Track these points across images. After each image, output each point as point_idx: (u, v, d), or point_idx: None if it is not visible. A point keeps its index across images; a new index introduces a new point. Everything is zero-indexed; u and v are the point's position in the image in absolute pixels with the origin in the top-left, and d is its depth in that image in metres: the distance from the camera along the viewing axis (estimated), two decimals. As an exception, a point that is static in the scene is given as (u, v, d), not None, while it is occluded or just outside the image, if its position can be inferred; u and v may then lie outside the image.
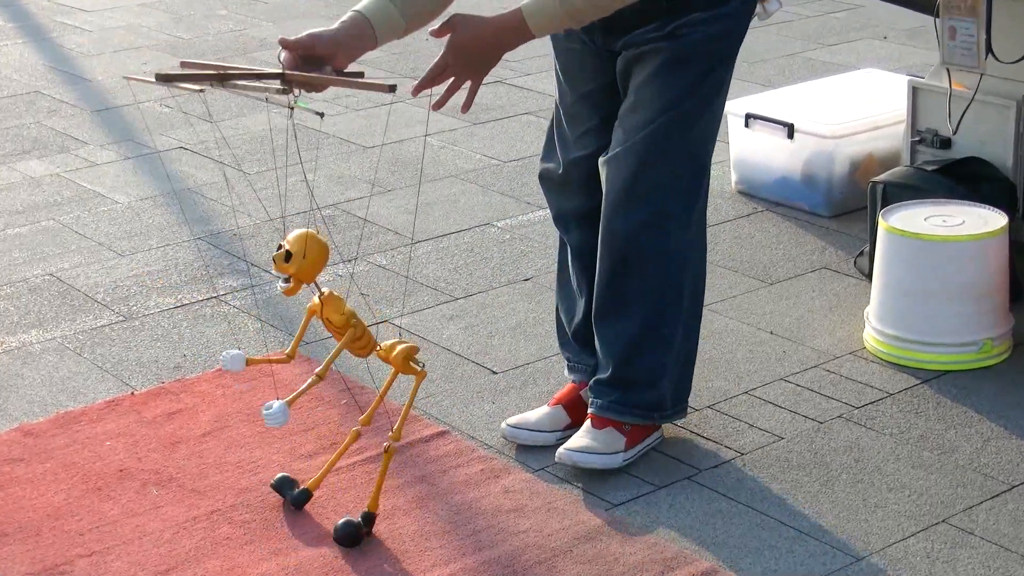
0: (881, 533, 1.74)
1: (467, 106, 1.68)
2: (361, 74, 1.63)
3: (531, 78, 3.68)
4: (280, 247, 1.68)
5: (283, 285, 1.69)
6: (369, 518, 1.74)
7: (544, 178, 1.95)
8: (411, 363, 1.75)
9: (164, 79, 1.56)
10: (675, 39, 1.75)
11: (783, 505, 1.80)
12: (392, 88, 1.52)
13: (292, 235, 1.69)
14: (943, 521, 1.76)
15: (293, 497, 1.80)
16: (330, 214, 2.83)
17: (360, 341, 1.74)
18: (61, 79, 3.78)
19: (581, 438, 1.88)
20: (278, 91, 1.53)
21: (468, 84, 1.68)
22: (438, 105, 1.66)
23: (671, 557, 1.69)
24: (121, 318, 2.41)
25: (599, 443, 1.87)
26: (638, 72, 1.78)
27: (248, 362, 1.76)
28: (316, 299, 1.73)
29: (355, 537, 1.73)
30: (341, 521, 1.75)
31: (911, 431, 1.97)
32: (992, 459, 1.89)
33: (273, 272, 1.69)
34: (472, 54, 1.64)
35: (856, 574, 1.67)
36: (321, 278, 2.58)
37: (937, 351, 2.13)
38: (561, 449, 1.87)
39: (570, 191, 1.91)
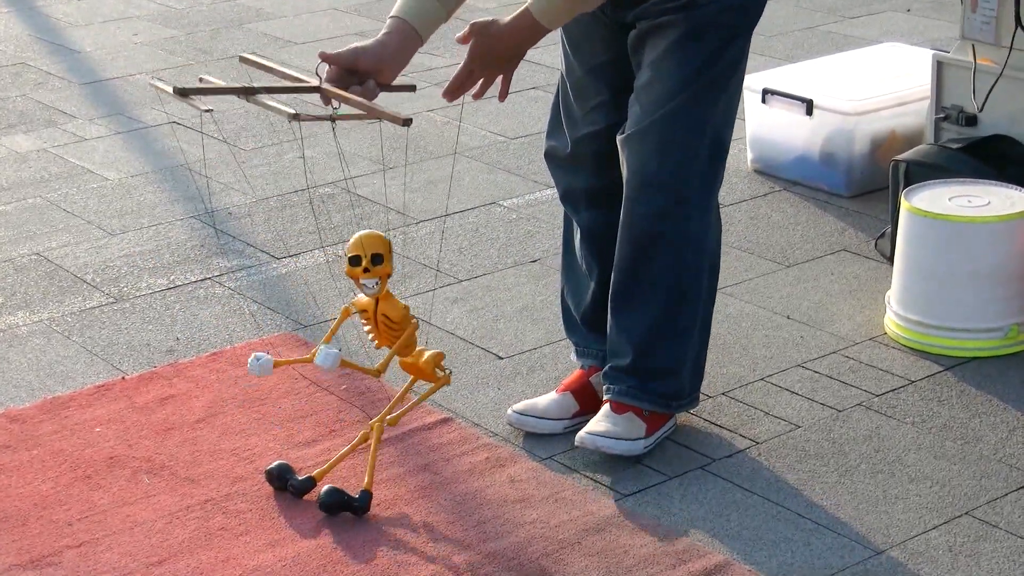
0: (902, 526, 1.71)
1: (503, 95, 1.71)
2: (413, 87, 1.68)
3: (539, 52, 3.58)
4: (358, 258, 1.68)
5: (374, 290, 1.69)
6: (365, 498, 1.70)
7: (550, 156, 1.91)
8: (437, 369, 1.75)
9: (182, 93, 1.54)
10: (691, 10, 1.70)
11: (800, 496, 1.77)
12: (407, 122, 1.54)
13: (362, 240, 1.69)
14: (966, 513, 1.73)
15: (298, 483, 1.76)
16: (329, 192, 2.77)
17: (412, 344, 1.75)
18: (48, 50, 3.72)
19: (602, 422, 1.84)
20: (291, 117, 1.53)
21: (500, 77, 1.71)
22: (478, 95, 1.70)
23: (683, 550, 1.66)
24: (111, 300, 2.36)
25: (621, 428, 1.83)
26: (653, 46, 1.74)
27: (275, 364, 1.74)
28: (361, 297, 1.73)
29: (340, 505, 1.72)
30: (325, 488, 1.73)
31: (933, 420, 1.92)
32: (1018, 449, 1.86)
33: (361, 281, 1.69)
34: (493, 59, 1.67)
35: (876, 568, 1.63)
36: (320, 257, 2.51)
37: (961, 337, 2.09)
38: (582, 433, 1.83)
39: (579, 169, 1.87)
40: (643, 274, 1.79)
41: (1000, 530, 1.69)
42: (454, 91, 1.68)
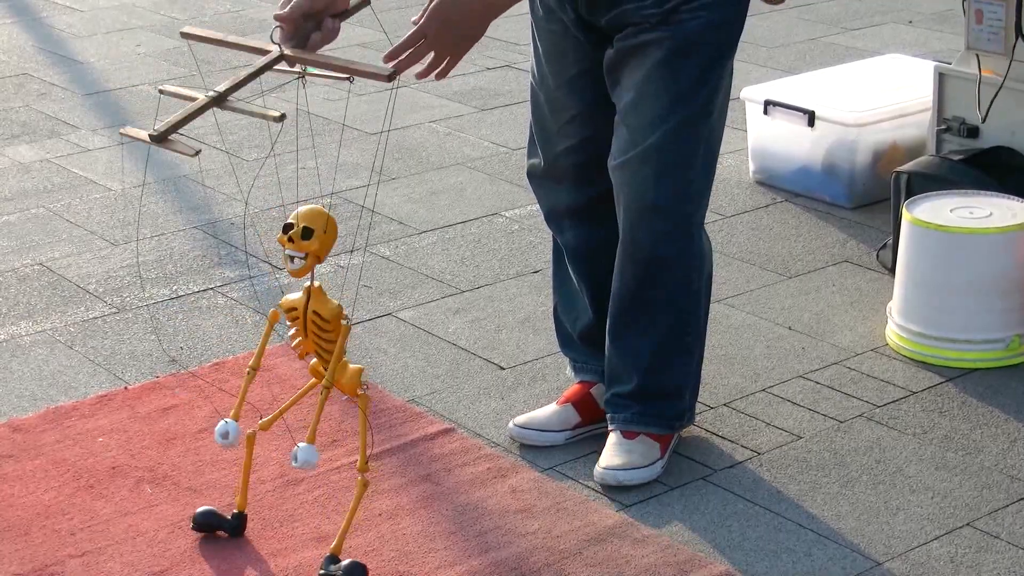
0: (903, 536, 1.71)
1: (444, 74, 1.58)
2: (367, 1, 1.52)
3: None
4: (290, 225, 1.59)
5: (296, 266, 1.58)
6: (333, 562, 1.63)
7: (531, 175, 1.88)
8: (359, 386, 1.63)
9: (158, 139, 1.47)
10: (675, 27, 1.67)
11: (801, 507, 1.76)
12: (392, 76, 1.45)
13: (302, 211, 1.60)
14: (967, 524, 1.72)
15: (231, 525, 1.72)
16: (332, 203, 2.77)
17: (337, 344, 1.61)
18: (51, 61, 3.74)
19: (617, 455, 1.82)
20: (275, 118, 1.46)
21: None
22: (422, 74, 1.58)
23: (685, 560, 1.66)
24: (114, 310, 2.37)
25: (637, 455, 1.82)
26: (637, 65, 1.70)
27: (236, 417, 1.67)
28: (290, 297, 1.64)
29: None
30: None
31: (935, 431, 1.92)
32: (1019, 460, 1.86)
33: (285, 252, 1.57)
34: (453, 23, 1.54)
35: (877, 579, 1.62)
36: (321, 268, 2.52)
37: (963, 348, 2.09)
38: (600, 469, 1.81)
39: (559, 187, 1.84)
40: (648, 297, 1.77)
41: (1001, 541, 1.69)
42: (396, 55, 1.52)
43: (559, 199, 1.85)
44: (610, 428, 1.85)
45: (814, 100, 2.67)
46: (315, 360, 1.66)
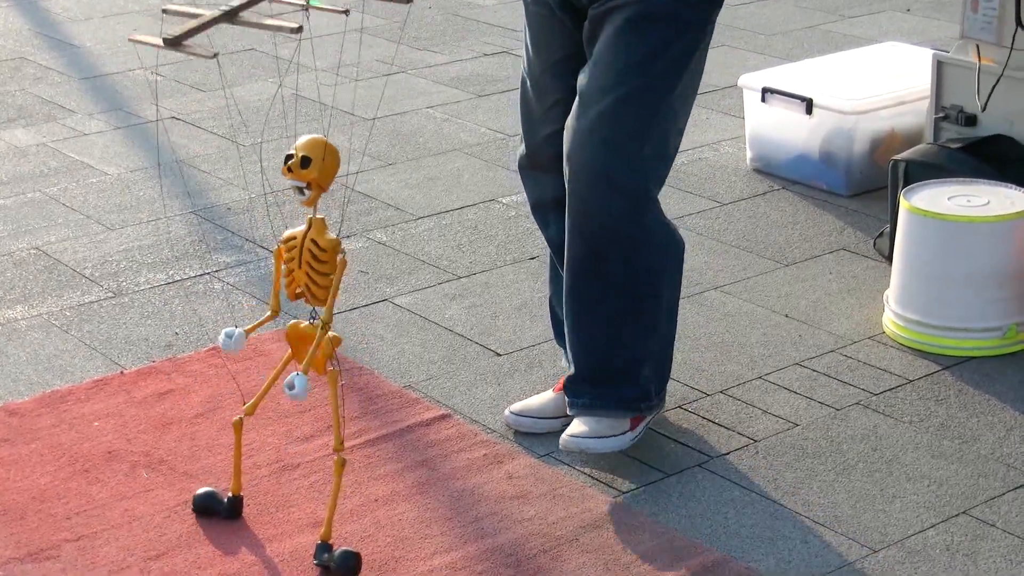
0: (899, 524, 1.71)
1: None
2: None
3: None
4: (290, 156, 1.58)
5: (303, 196, 1.58)
6: (326, 550, 1.63)
7: (519, 167, 1.88)
8: (329, 361, 1.60)
9: (173, 43, 1.47)
10: None
11: (797, 494, 1.77)
12: None
13: (301, 141, 1.59)
14: (963, 512, 1.73)
15: (226, 509, 1.72)
16: (329, 188, 2.76)
17: (330, 279, 1.60)
18: (48, 45, 3.73)
19: (584, 423, 1.80)
20: (291, 30, 1.45)
21: None
22: None
23: (680, 547, 1.66)
24: (110, 294, 2.36)
25: (604, 426, 1.80)
26: (601, 33, 1.69)
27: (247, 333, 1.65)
28: (291, 231, 1.63)
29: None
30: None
31: (931, 419, 1.93)
32: (1015, 449, 1.86)
33: (286, 182, 1.58)
34: None
35: (873, 566, 1.63)
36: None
37: (959, 336, 2.09)
38: (565, 436, 1.80)
39: (544, 175, 1.83)
40: (599, 274, 1.73)
41: (997, 529, 1.69)
42: None
43: (545, 190, 1.84)
44: (569, 412, 1.82)
45: (812, 88, 2.67)
46: (291, 323, 1.63)
